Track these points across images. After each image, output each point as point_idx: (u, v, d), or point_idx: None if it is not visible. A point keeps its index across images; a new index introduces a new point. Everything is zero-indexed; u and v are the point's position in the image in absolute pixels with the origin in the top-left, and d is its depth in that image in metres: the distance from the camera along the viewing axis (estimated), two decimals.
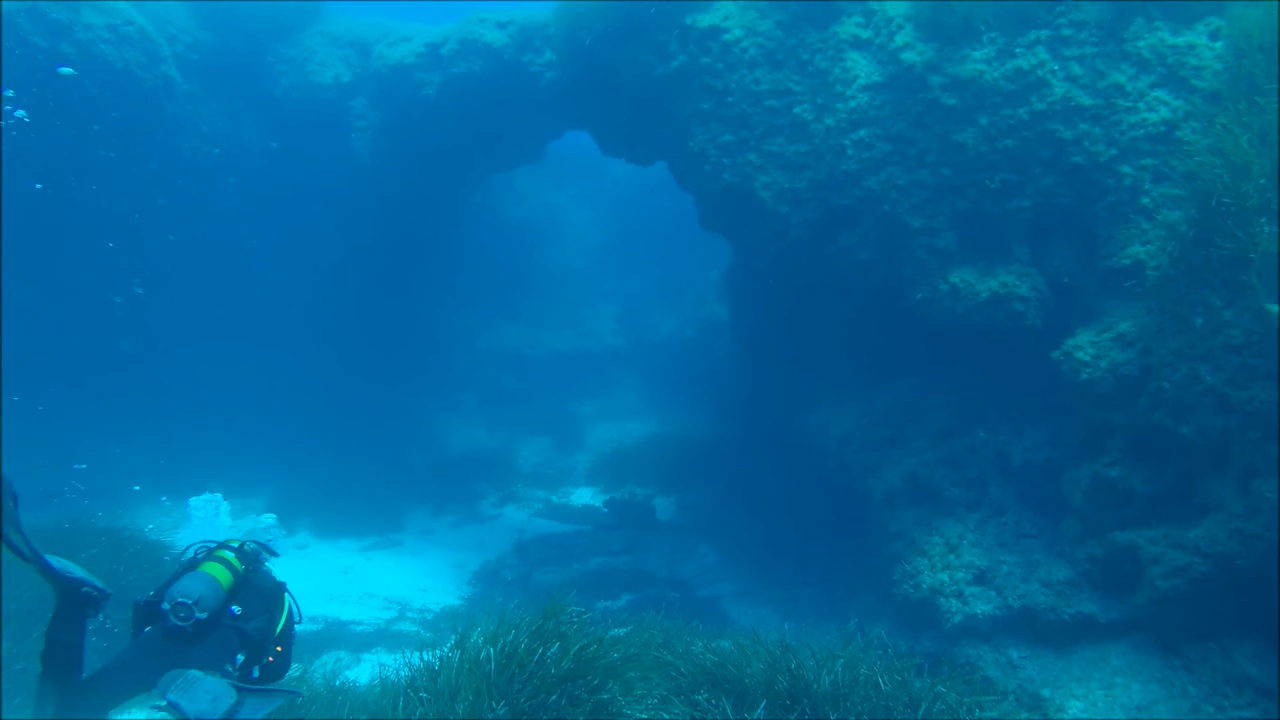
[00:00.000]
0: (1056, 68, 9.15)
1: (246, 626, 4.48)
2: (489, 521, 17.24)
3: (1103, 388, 8.55)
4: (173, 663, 4.05)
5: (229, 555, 4.64)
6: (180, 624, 4.19)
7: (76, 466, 14.35)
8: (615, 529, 16.23)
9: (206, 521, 8.88)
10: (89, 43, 14.32)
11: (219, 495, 9.70)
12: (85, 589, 3.97)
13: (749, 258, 12.71)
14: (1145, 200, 8.64)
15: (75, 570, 4.00)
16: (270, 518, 5.96)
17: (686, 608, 12.81)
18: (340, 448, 17.98)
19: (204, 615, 4.24)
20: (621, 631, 6.50)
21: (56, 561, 3.94)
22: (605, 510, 17.08)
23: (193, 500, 9.12)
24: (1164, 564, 7.73)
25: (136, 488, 15.28)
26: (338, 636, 11.05)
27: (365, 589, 13.13)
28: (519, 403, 23.42)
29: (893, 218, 10.05)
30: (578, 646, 5.05)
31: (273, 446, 17.50)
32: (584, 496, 18.79)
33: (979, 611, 9.15)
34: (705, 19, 11.43)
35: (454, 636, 5.29)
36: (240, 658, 4.44)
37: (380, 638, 11.17)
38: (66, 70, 13.02)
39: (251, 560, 4.80)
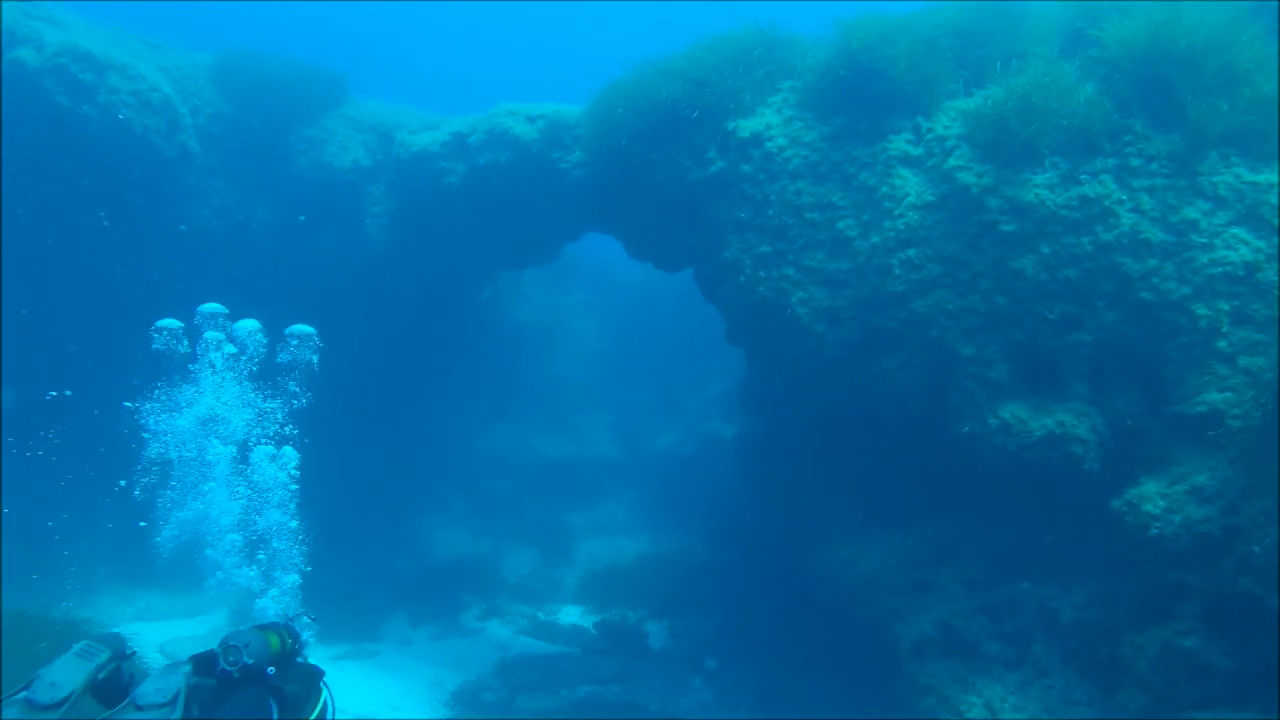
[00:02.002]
0: (1124, 198, 8.70)
1: (285, 687, 4.53)
2: (471, 636, 16.04)
3: (1175, 545, 7.73)
4: (210, 709, 4.17)
5: (273, 631, 4.78)
6: (228, 668, 4.28)
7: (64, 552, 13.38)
8: (605, 654, 15.12)
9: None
10: (111, 106, 14.00)
11: None
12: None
13: (772, 375, 12.05)
14: (1222, 344, 8.04)
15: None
16: (304, 620, 5.60)
17: None
18: (318, 544, 16.88)
19: (251, 661, 4.34)
20: None
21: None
22: (594, 632, 15.96)
23: None
24: None
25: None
26: None
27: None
28: (508, 509, 22.47)
29: (940, 344, 9.42)
30: None
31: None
32: (572, 615, 17.63)
33: None
34: (748, 125, 11.10)
35: None
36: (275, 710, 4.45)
37: None
38: None
39: (294, 638, 4.95)
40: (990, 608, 9.35)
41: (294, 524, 11.59)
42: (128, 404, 11.13)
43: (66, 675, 4.02)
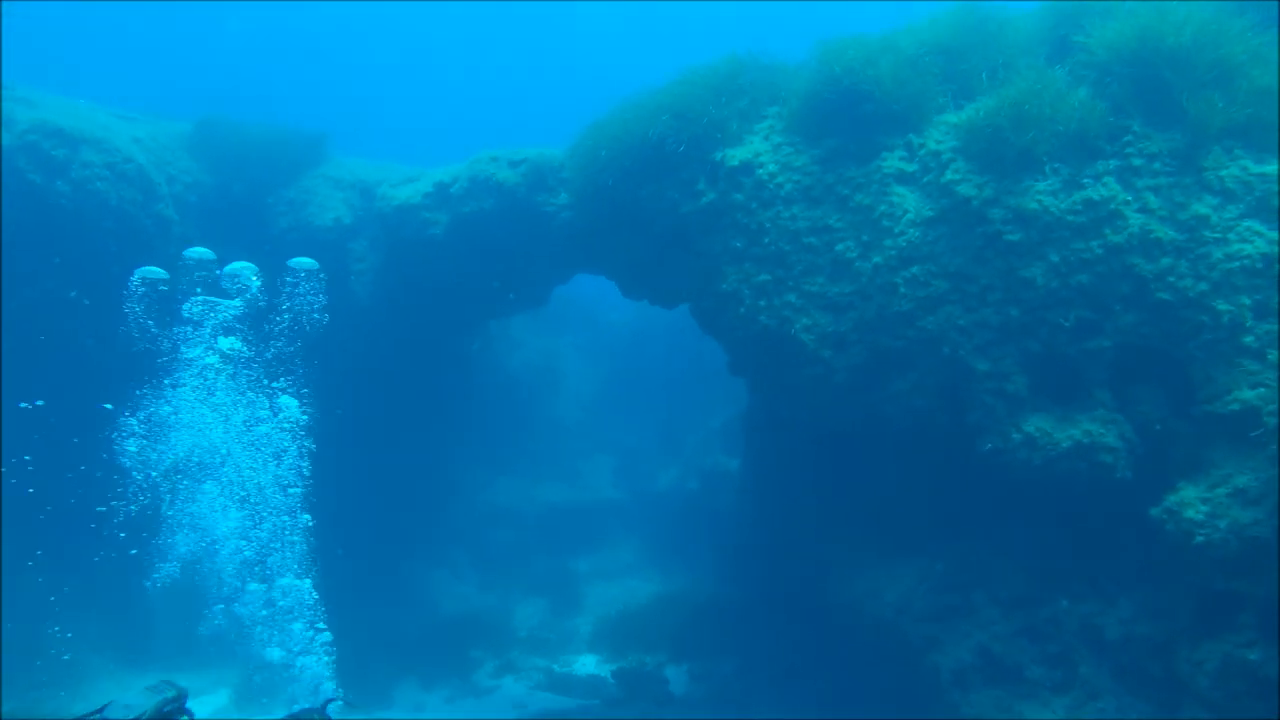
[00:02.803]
0: (1129, 199, 8.54)
1: None
2: (486, 695, 15.51)
3: (1223, 552, 7.43)
4: None
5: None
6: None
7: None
8: (625, 703, 14.64)
9: None
10: (84, 180, 13.73)
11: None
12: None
13: (779, 405, 11.77)
14: (1249, 339, 7.82)
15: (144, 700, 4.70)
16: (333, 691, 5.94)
17: None
18: (323, 609, 16.42)
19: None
20: None
21: None
22: (613, 681, 15.46)
23: None
24: None
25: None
26: None
27: None
28: (513, 559, 21.99)
29: (954, 360, 9.17)
30: None
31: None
32: (588, 665, 17.11)
33: None
34: (736, 154, 10.92)
35: None
36: None
37: None
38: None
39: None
40: (1030, 629, 9.02)
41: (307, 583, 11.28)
42: (107, 405, 10.74)
43: (138, 701, 4.75)
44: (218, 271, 10.37)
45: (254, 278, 10.72)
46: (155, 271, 10.88)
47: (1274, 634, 7.23)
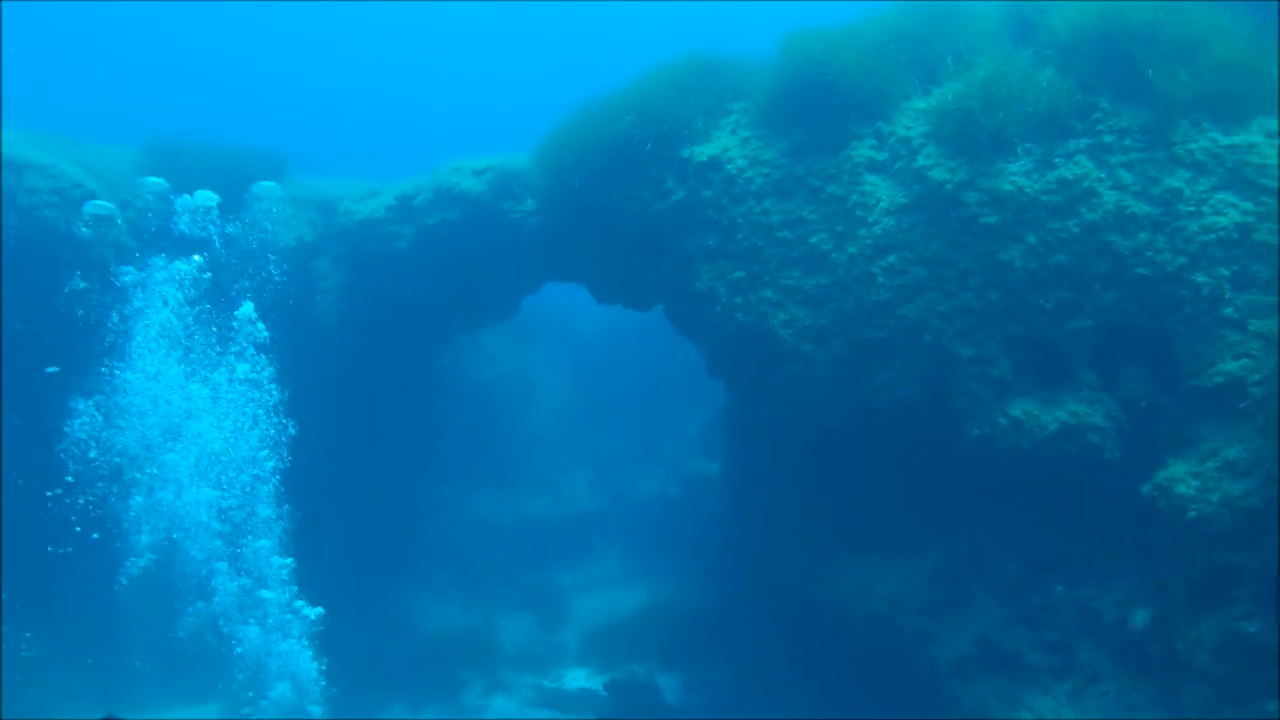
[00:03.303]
0: (1103, 176, 8.49)
1: None
2: (476, 715, 15.25)
3: (1217, 526, 7.36)
4: None
5: None
6: None
7: None
8: (619, 714, 14.40)
9: None
10: (31, 208, 13.27)
11: None
12: None
13: (760, 404, 11.61)
14: (1228, 310, 7.78)
15: None
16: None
17: None
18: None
19: None
20: None
21: None
22: (605, 693, 15.23)
23: None
24: None
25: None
26: None
27: None
28: (495, 576, 21.62)
29: (936, 348, 9.06)
30: None
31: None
32: (578, 679, 16.84)
33: None
34: (704, 150, 10.78)
35: None
36: None
37: None
38: None
39: None
40: (1027, 616, 8.90)
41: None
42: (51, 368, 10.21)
43: None
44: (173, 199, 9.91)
45: (213, 207, 10.29)
46: (103, 206, 10.36)
47: (1271, 605, 7.16)
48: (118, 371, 10.66)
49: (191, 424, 10.99)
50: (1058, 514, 8.96)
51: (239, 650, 11.26)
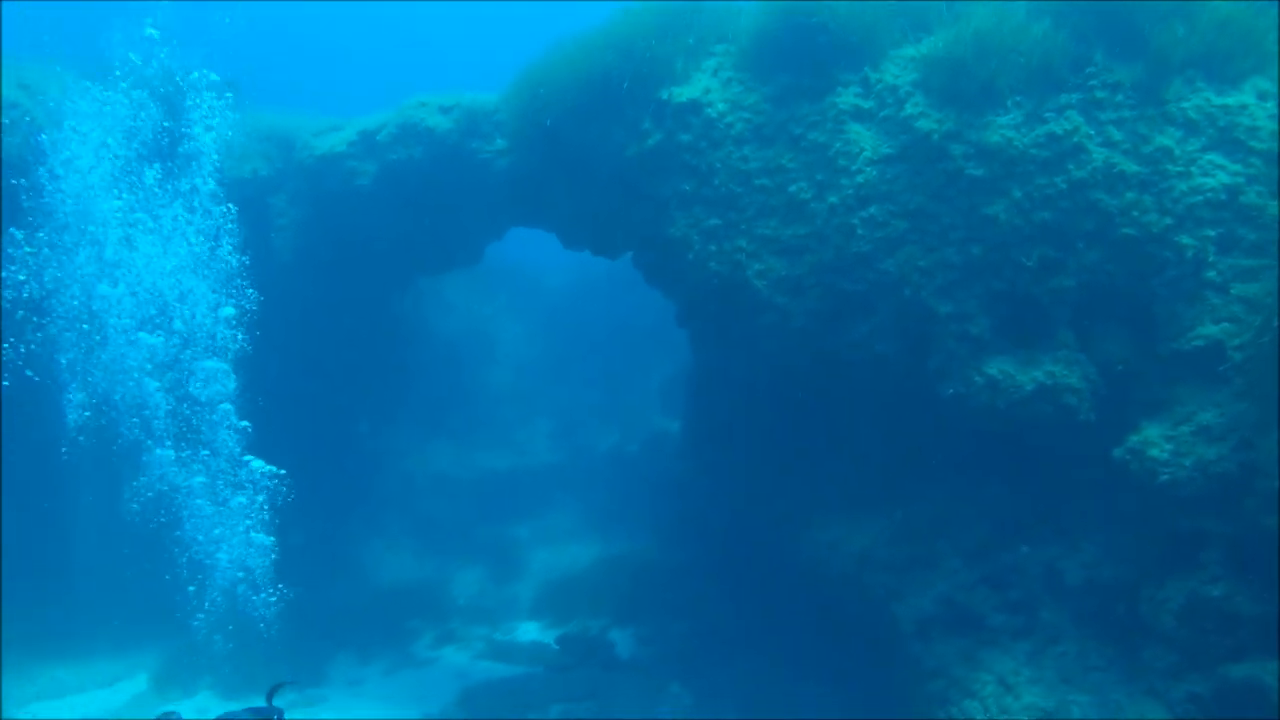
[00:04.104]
0: (1093, 132, 8.30)
1: None
2: (426, 666, 14.93)
3: (1188, 490, 7.31)
4: None
5: (264, 715, 5.02)
6: None
7: None
8: (572, 669, 14.25)
9: None
10: None
11: None
12: None
13: (729, 358, 11.39)
14: (1212, 274, 7.69)
15: None
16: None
17: None
18: (244, 581, 15.60)
19: None
20: None
21: None
22: (557, 648, 15.08)
23: None
24: None
25: None
26: None
27: None
28: (449, 527, 21.38)
29: (915, 303, 8.87)
30: None
31: (159, 591, 15.02)
32: (530, 632, 16.68)
33: None
34: (683, 93, 10.39)
35: None
36: None
37: None
38: None
39: (278, 715, 5.17)
40: (992, 577, 8.86)
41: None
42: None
43: None
44: None
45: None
46: None
47: (1238, 570, 7.15)
48: (48, 193, 9.82)
49: (131, 255, 10.18)
50: (1028, 475, 8.90)
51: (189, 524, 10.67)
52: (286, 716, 13.00)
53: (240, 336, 10.82)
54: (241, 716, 4.90)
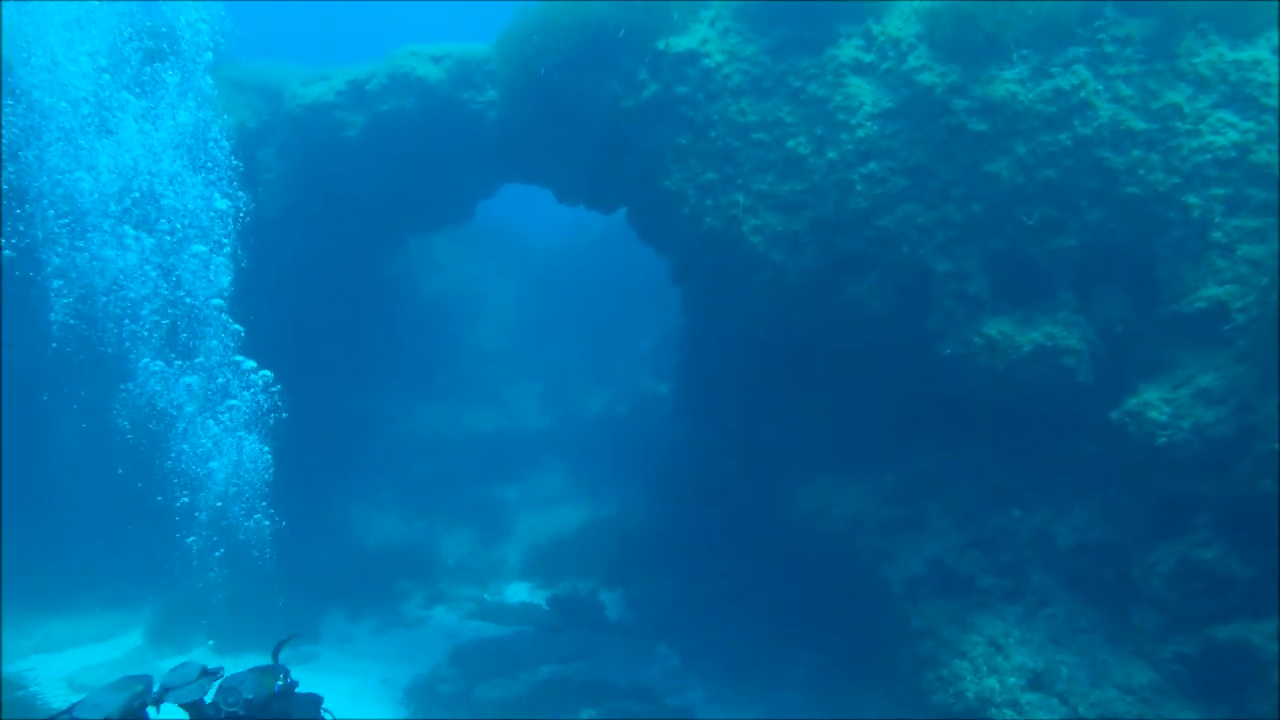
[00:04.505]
0: (1100, 88, 8.10)
1: (293, 715, 4.75)
2: (416, 625, 14.91)
3: (1185, 453, 7.22)
4: None
5: (269, 672, 4.86)
6: (231, 709, 4.47)
7: None
8: (561, 630, 14.23)
9: None
10: None
11: None
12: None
13: (722, 316, 11.22)
14: (1217, 234, 7.54)
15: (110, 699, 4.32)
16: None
17: None
18: (235, 545, 15.49)
19: (252, 696, 4.52)
20: None
21: None
22: (547, 609, 15.07)
23: None
24: None
25: None
26: None
27: None
28: (438, 489, 21.26)
29: (913, 261, 8.72)
30: None
31: (153, 551, 14.91)
32: (520, 593, 16.66)
33: None
34: (680, 43, 10.13)
35: None
36: None
37: None
38: None
39: (286, 673, 4.98)
40: (982, 540, 8.80)
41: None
42: None
43: (107, 700, 4.39)
44: None
45: None
46: None
47: (1230, 533, 7.08)
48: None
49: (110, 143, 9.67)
50: (1020, 439, 8.81)
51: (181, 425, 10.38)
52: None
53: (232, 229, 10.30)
54: (249, 677, 4.73)
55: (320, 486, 18.07)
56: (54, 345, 10.38)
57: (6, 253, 9.93)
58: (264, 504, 11.02)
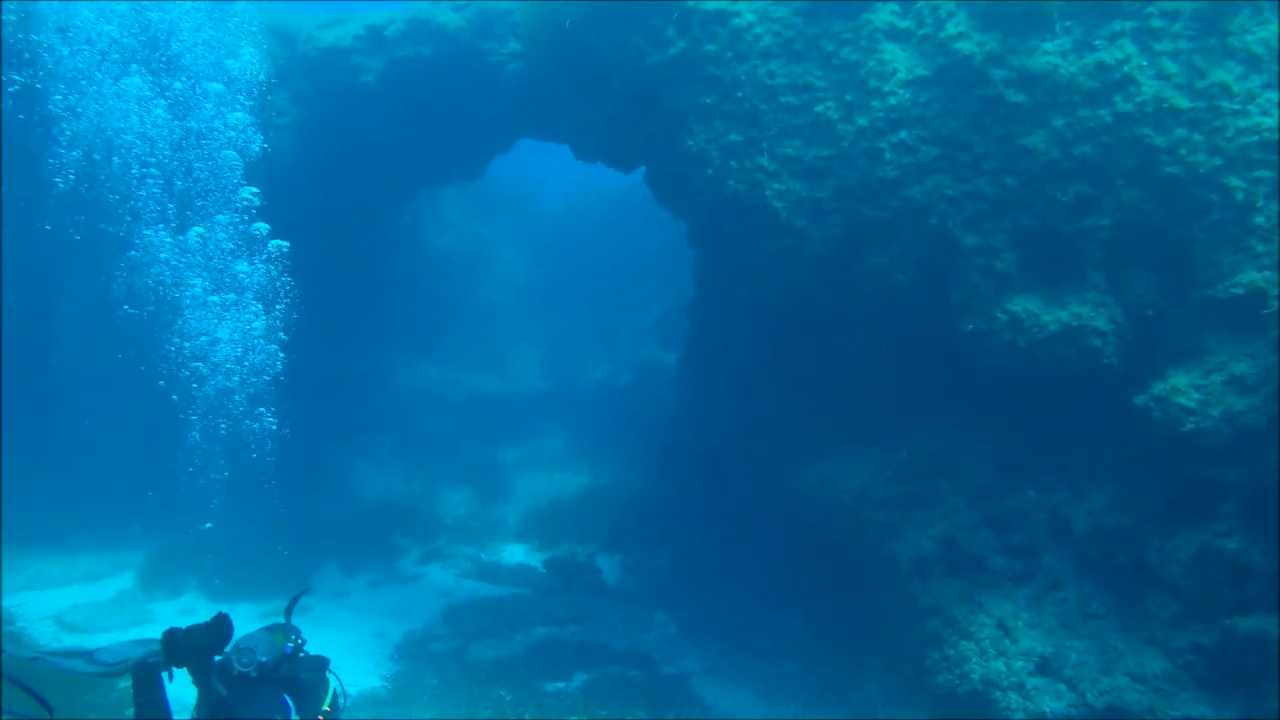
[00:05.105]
0: (1145, 63, 7.85)
1: (301, 676, 4.73)
2: (411, 582, 14.86)
3: (1213, 440, 7.08)
4: (238, 710, 4.30)
5: (279, 631, 4.85)
6: (244, 669, 4.37)
7: None
8: (557, 593, 14.17)
9: None
10: None
11: None
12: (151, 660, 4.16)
13: (737, 284, 11.03)
14: (1259, 219, 7.33)
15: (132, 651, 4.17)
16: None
17: (652, 689, 10.91)
18: (232, 493, 15.38)
19: (265, 659, 4.46)
20: None
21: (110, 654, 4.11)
22: (544, 571, 15.00)
23: None
24: None
25: None
26: None
27: None
28: (438, 447, 21.19)
29: (940, 233, 8.51)
30: None
31: (149, 491, 14.80)
32: (516, 554, 16.61)
33: (1048, 710, 7.50)
34: (710, 1, 9.85)
35: None
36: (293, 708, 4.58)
37: None
38: None
39: (296, 633, 4.96)
40: (995, 519, 8.67)
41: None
42: None
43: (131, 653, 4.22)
44: None
45: None
46: None
47: (1255, 523, 6.96)
48: None
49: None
50: (1040, 418, 8.65)
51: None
52: (267, 623, 12.88)
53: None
54: (262, 637, 4.65)
55: (318, 439, 17.95)
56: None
57: None
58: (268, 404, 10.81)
